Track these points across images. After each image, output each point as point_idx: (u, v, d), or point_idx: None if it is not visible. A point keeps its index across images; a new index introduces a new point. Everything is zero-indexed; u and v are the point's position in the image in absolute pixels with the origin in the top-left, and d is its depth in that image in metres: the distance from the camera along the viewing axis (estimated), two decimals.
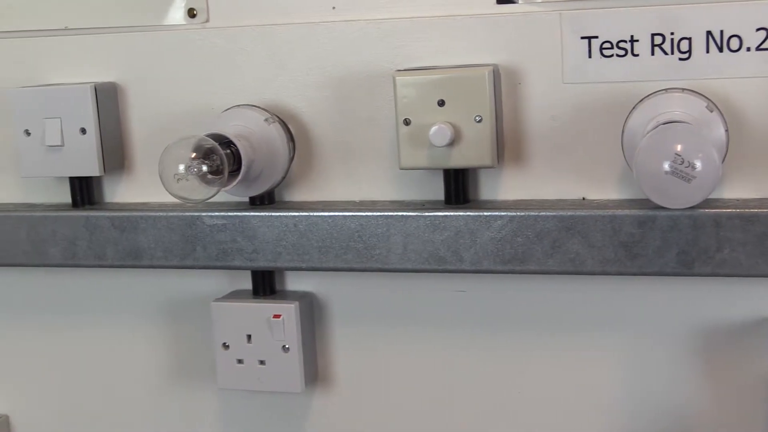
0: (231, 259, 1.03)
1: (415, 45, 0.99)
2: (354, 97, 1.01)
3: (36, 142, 1.07)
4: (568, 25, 0.94)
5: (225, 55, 1.04)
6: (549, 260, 0.94)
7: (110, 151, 1.08)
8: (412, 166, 0.97)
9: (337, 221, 1.00)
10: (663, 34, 0.92)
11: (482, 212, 0.96)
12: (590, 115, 0.96)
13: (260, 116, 1.01)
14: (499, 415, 1.05)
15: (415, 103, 0.95)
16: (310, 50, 1.02)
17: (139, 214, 1.05)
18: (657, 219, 0.91)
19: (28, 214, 1.09)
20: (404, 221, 0.98)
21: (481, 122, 0.94)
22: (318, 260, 1.01)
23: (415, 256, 0.98)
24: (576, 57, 0.94)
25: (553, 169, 0.98)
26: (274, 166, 1.01)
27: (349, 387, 1.09)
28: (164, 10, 1.06)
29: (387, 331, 1.07)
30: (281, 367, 1.06)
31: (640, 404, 1.01)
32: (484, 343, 1.04)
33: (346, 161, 1.03)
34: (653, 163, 0.83)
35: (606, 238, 0.92)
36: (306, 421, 1.11)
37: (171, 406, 1.16)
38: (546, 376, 1.03)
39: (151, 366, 1.16)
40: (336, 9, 1.01)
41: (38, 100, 1.07)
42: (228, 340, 1.07)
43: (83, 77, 1.09)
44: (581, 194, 0.98)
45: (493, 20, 0.96)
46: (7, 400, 1.22)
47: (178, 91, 1.07)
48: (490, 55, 0.97)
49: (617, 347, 1.00)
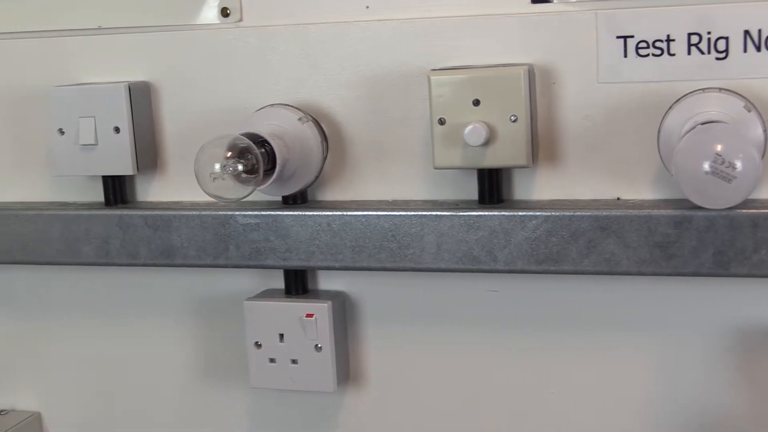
0: (264, 258, 1.03)
1: (450, 44, 0.98)
2: (387, 96, 1.01)
3: (70, 141, 1.08)
4: (604, 24, 0.94)
5: (258, 55, 1.05)
6: (584, 260, 0.94)
7: (143, 150, 1.08)
8: (447, 165, 0.97)
9: (371, 221, 1.00)
10: (700, 34, 0.91)
11: (517, 212, 0.95)
12: (625, 115, 0.95)
13: (294, 115, 1.01)
14: (530, 416, 1.05)
15: (450, 103, 0.95)
16: (344, 49, 1.02)
17: (172, 213, 1.06)
18: (693, 219, 0.90)
19: (62, 212, 1.10)
20: (438, 221, 0.98)
21: (517, 122, 0.94)
22: (351, 260, 1.01)
23: (449, 256, 0.98)
24: (611, 56, 0.94)
25: (588, 168, 0.98)
26: (307, 165, 1.01)
27: (380, 387, 1.09)
28: (197, 9, 1.07)
29: (419, 331, 1.07)
30: (313, 366, 1.06)
31: (675, 405, 1.00)
32: (516, 343, 1.04)
33: (379, 160, 1.03)
34: (693, 164, 0.82)
35: (641, 239, 0.92)
36: (337, 421, 1.12)
37: (203, 405, 1.16)
38: (579, 377, 1.03)
39: (184, 365, 1.16)
40: (369, 8, 1.01)
41: (72, 99, 1.07)
42: (260, 339, 1.07)
43: (116, 76, 1.09)
44: (616, 194, 0.97)
45: (528, 20, 0.96)
46: (39, 397, 1.23)
47: (211, 90, 1.07)
48: (525, 55, 0.97)
49: (652, 348, 1.00)
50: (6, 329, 1.21)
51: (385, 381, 1.09)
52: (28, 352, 1.22)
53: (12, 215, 1.11)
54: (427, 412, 1.08)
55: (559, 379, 1.03)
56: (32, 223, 1.10)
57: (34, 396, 1.23)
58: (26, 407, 1.23)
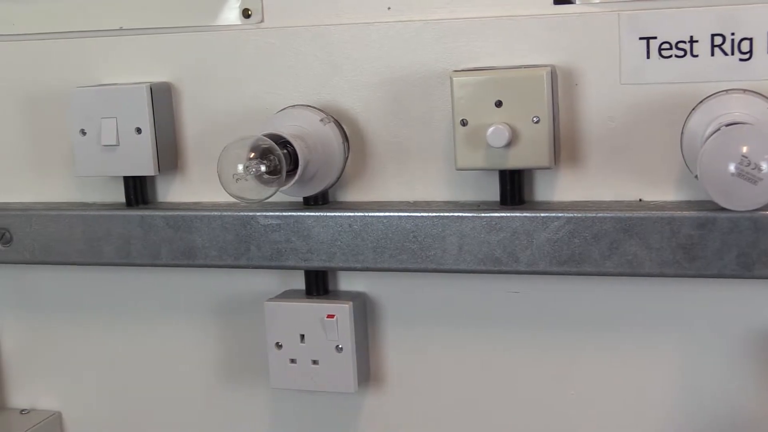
0: (285, 259, 1.04)
1: (471, 45, 0.98)
2: (409, 97, 1.01)
3: (91, 142, 1.08)
4: (627, 25, 0.94)
5: (279, 56, 1.05)
6: (606, 262, 0.94)
7: (164, 151, 1.08)
8: (469, 167, 0.97)
9: (392, 221, 1.00)
10: (723, 35, 0.91)
11: (539, 213, 0.95)
12: (648, 117, 0.95)
13: (316, 116, 1.01)
14: (552, 417, 1.05)
15: (473, 104, 0.95)
16: (365, 50, 1.02)
17: (193, 214, 1.06)
18: (717, 221, 0.90)
19: (84, 213, 1.10)
20: (460, 222, 0.98)
21: (539, 123, 0.93)
22: (372, 260, 1.01)
23: (471, 257, 0.98)
24: (634, 58, 0.94)
25: (610, 170, 0.97)
26: (329, 166, 1.01)
27: (401, 388, 1.09)
28: (219, 10, 1.07)
29: (439, 332, 1.07)
30: (334, 367, 1.06)
31: (697, 408, 1.00)
32: (537, 345, 1.04)
33: (401, 161, 1.03)
34: (719, 165, 0.82)
35: (664, 240, 0.92)
36: (358, 422, 1.12)
37: (223, 406, 1.16)
38: (600, 379, 1.03)
39: (204, 365, 1.16)
40: (391, 9, 1.01)
41: (94, 99, 1.07)
42: (281, 339, 1.07)
43: (138, 77, 1.10)
44: (638, 196, 0.97)
45: (551, 21, 0.96)
46: (60, 397, 1.23)
47: (232, 91, 1.07)
48: (547, 56, 0.97)
49: (674, 350, 1.00)
50: (27, 329, 1.22)
51: (405, 382, 1.09)
52: (49, 352, 1.22)
53: (34, 215, 1.11)
54: (448, 412, 1.08)
55: (580, 380, 1.03)
56: (54, 223, 1.11)
57: (55, 396, 1.23)
58: (47, 407, 1.24)
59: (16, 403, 1.25)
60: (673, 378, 1.00)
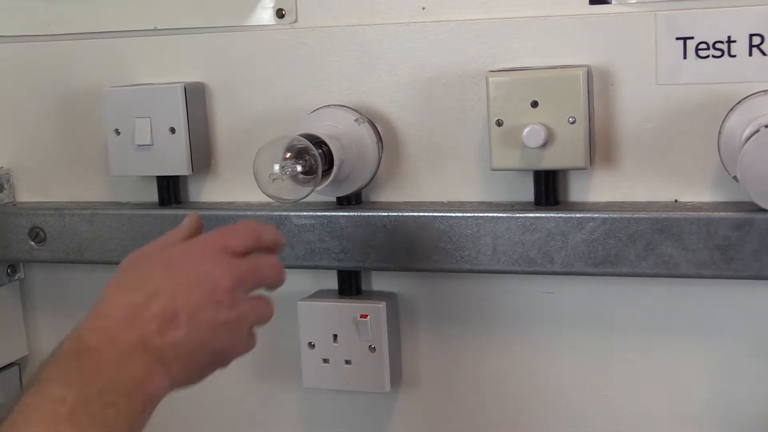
0: (319, 258, 1.04)
1: (506, 45, 0.98)
2: (443, 97, 1.01)
3: (126, 141, 1.08)
4: (663, 25, 0.93)
5: (313, 55, 1.05)
6: (642, 263, 0.94)
7: (198, 151, 1.08)
8: (504, 167, 0.97)
9: (426, 222, 1.00)
10: (762, 35, 0.91)
11: (574, 214, 0.95)
12: (684, 117, 0.95)
13: (350, 116, 1.01)
14: (584, 419, 1.05)
15: (508, 104, 0.95)
16: (400, 50, 1.02)
17: (226, 213, 1.06)
18: (755, 222, 0.90)
19: (117, 212, 1.11)
20: (494, 222, 0.97)
21: (575, 123, 0.93)
22: (406, 261, 1.01)
23: (505, 258, 0.98)
24: (671, 58, 0.93)
25: (645, 170, 0.97)
26: (363, 166, 1.01)
27: (434, 388, 1.09)
28: (252, 10, 1.07)
29: (473, 333, 1.07)
30: (367, 367, 1.06)
31: (732, 410, 1.00)
32: (571, 346, 1.04)
33: (435, 162, 1.03)
34: (760, 166, 0.82)
35: (701, 241, 0.92)
36: (390, 422, 1.11)
37: (256, 405, 1.16)
38: (634, 380, 1.02)
39: (236, 365, 1.15)
40: (426, 9, 1.01)
41: (128, 99, 1.08)
42: (314, 339, 1.07)
43: (171, 77, 1.10)
44: (673, 196, 0.97)
45: (586, 21, 0.96)
46: None
47: (266, 91, 1.07)
48: (583, 56, 0.96)
49: (710, 352, 0.99)
50: (61, 328, 1.21)
51: (438, 382, 1.09)
52: None
53: (68, 215, 1.12)
54: (481, 413, 1.08)
55: (615, 381, 1.03)
56: (88, 222, 1.11)
57: None
58: None
59: None
60: (709, 380, 1.00)
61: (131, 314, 0.74)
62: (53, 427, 0.66)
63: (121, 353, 0.72)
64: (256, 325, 0.82)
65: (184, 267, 0.78)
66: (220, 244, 0.80)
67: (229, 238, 0.82)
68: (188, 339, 0.75)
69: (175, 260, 0.79)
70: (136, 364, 0.73)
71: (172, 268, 0.78)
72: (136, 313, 0.74)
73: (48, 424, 0.66)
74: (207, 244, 0.81)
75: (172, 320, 0.75)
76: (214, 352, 0.79)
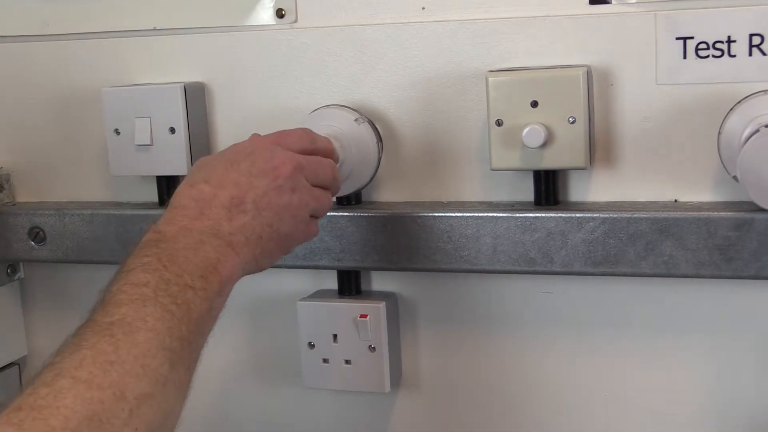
0: (318, 258, 1.04)
1: (506, 45, 0.98)
2: (443, 97, 1.01)
3: (125, 141, 1.08)
4: (663, 25, 0.93)
5: (313, 55, 1.05)
6: (642, 263, 0.94)
7: (198, 151, 1.08)
8: (504, 167, 0.97)
9: (426, 222, 1.00)
10: (762, 35, 0.91)
11: (574, 213, 0.95)
12: (684, 117, 0.95)
13: (350, 116, 1.01)
14: (584, 419, 1.05)
15: (508, 104, 0.95)
16: (400, 50, 1.02)
17: None
18: (754, 222, 0.90)
19: (117, 212, 1.11)
20: (494, 222, 0.97)
21: (575, 123, 0.93)
22: (406, 261, 1.01)
23: (505, 258, 0.98)
24: (670, 58, 0.93)
25: (645, 170, 0.97)
26: (363, 166, 1.01)
27: (434, 388, 1.09)
28: (252, 10, 1.07)
29: (472, 333, 1.07)
30: (367, 367, 1.06)
31: (732, 410, 1.00)
32: (570, 346, 1.04)
33: (435, 161, 1.03)
34: (759, 166, 0.82)
35: (701, 241, 0.92)
36: (390, 422, 1.11)
37: (256, 405, 1.16)
38: (634, 380, 1.02)
39: (236, 364, 1.16)
40: (426, 9, 1.01)
41: (128, 99, 1.08)
42: (314, 339, 1.07)
43: (171, 77, 1.10)
44: (673, 196, 0.97)
45: (586, 21, 0.96)
46: None
47: (266, 91, 1.07)
48: (583, 56, 0.96)
49: (710, 351, 0.99)
50: (61, 328, 1.21)
51: (438, 382, 1.09)
52: None
53: (67, 215, 1.12)
54: (481, 413, 1.08)
55: (614, 381, 1.03)
56: (87, 222, 1.11)
57: None
58: None
59: None
60: (709, 380, 1.00)
61: (201, 204, 0.81)
62: (140, 306, 0.72)
63: (194, 240, 0.79)
64: (316, 215, 0.89)
65: (247, 158, 0.85)
66: (278, 141, 0.88)
67: (286, 137, 0.89)
68: (254, 222, 0.82)
69: (238, 154, 0.86)
70: (208, 249, 0.78)
71: (236, 161, 0.84)
72: (205, 202, 0.81)
73: (135, 304, 0.72)
74: (267, 139, 0.89)
75: (239, 206, 0.82)
76: (280, 236, 0.84)
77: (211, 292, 0.77)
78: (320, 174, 0.89)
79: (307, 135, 0.91)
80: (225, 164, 0.85)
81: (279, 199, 0.84)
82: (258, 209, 0.82)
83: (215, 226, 0.81)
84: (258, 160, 0.85)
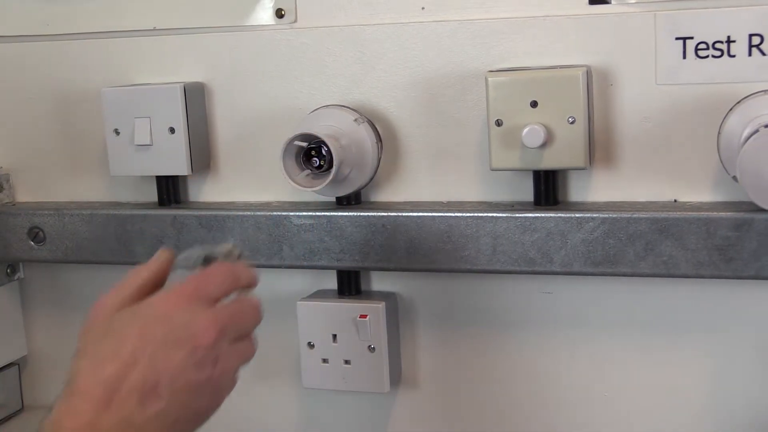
0: (318, 258, 1.04)
1: (506, 46, 0.98)
2: (443, 97, 1.01)
3: (125, 141, 1.08)
4: (663, 25, 0.93)
5: (313, 55, 1.05)
6: (641, 263, 0.94)
7: (197, 151, 1.08)
8: (504, 167, 0.97)
9: (426, 222, 1.00)
10: (761, 35, 0.91)
11: (574, 213, 0.95)
12: (684, 117, 0.95)
13: (350, 116, 1.01)
14: (584, 419, 1.05)
15: (508, 104, 0.95)
16: (399, 50, 1.02)
17: (226, 213, 1.06)
18: (754, 222, 0.90)
19: (116, 212, 1.11)
20: (494, 222, 0.97)
21: (574, 123, 0.93)
22: (405, 261, 1.01)
23: (505, 258, 0.98)
24: (670, 58, 0.94)
25: (645, 170, 0.97)
26: (363, 166, 1.01)
27: (433, 388, 1.09)
28: (252, 10, 1.07)
29: (472, 333, 1.07)
30: (367, 367, 1.06)
31: (731, 411, 1.00)
32: (570, 345, 1.04)
33: (434, 162, 1.03)
34: (759, 166, 0.82)
35: (700, 241, 0.92)
36: (389, 422, 1.11)
37: (255, 405, 1.16)
38: (634, 380, 1.02)
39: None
40: (425, 9, 1.01)
41: (128, 99, 1.08)
42: (313, 339, 1.07)
43: (171, 77, 1.10)
44: (673, 196, 0.97)
45: (586, 21, 0.96)
46: None
47: (266, 91, 1.07)
48: (582, 56, 0.96)
49: (710, 351, 0.99)
50: (60, 328, 1.22)
51: (437, 382, 1.09)
52: None
53: (67, 215, 1.12)
54: (480, 413, 1.08)
55: (614, 381, 1.03)
56: (87, 222, 1.11)
57: None
58: None
59: (46, 401, 1.25)
60: (708, 380, 1.00)
61: (109, 390, 0.71)
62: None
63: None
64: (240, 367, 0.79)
65: (162, 324, 0.74)
66: (198, 294, 0.76)
67: (207, 285, 0.78)
68: (170, 408, 0.72)
69: (152, 317, 0.75)
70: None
71: (149, 326, 0.74)
72: (114, 388, 0.71)
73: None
74: (184, 294, 0.76)
75: (153, 390, 0.72)
76: (198, 414, 0.75)
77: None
78: (244, 324, 0.79)
79: (229, 275, 0.80)
80: (137, 329, 0.73)
81: (198, 375, 0.73)
82: (174, 392, 0.72)
83: (127, 419, 0.70)
84: (175, 327, 0.74)
